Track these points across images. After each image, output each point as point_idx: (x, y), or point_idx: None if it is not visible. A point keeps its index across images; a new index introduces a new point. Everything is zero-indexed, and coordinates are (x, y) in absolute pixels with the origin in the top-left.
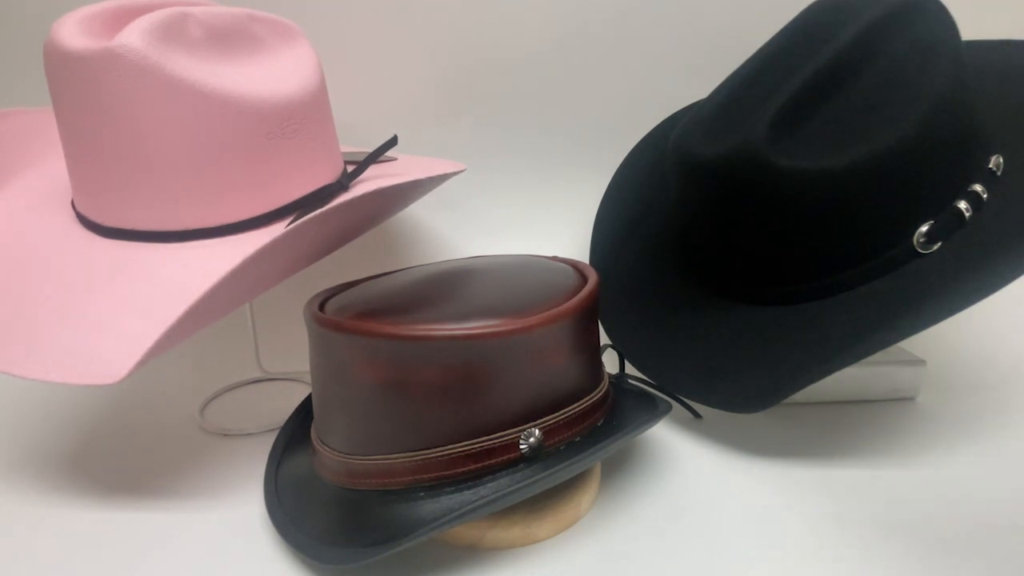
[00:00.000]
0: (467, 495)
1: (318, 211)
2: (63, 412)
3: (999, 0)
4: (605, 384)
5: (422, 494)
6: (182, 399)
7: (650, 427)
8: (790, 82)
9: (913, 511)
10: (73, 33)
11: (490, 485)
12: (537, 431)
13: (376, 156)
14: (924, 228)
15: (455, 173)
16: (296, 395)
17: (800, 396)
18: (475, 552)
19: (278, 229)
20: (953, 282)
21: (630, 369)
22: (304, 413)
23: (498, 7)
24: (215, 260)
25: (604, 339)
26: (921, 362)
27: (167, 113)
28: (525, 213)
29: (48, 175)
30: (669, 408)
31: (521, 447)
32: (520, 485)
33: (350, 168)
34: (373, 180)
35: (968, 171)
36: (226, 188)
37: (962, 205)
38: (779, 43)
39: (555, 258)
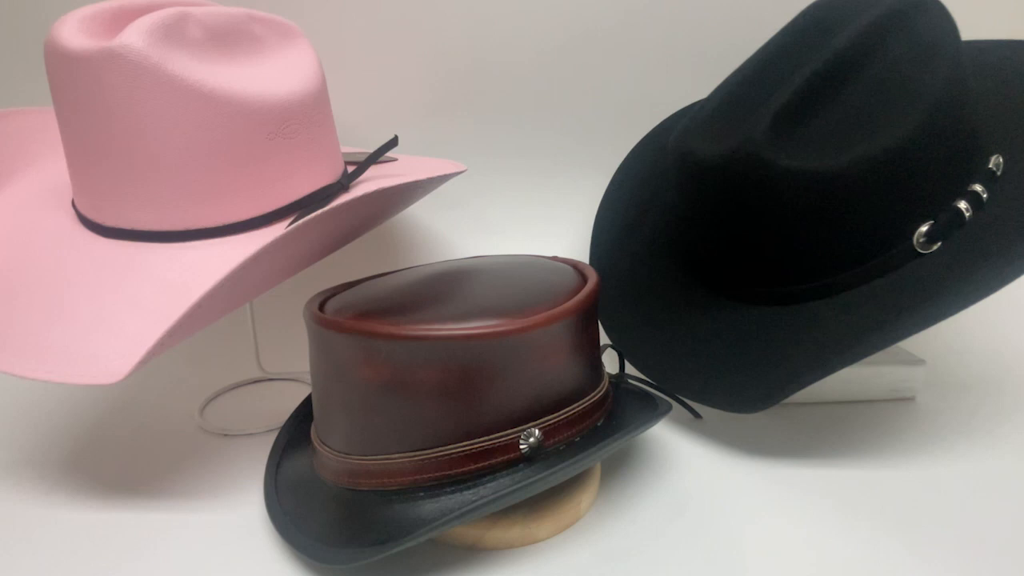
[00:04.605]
0: (467, 495)
1: (319, 211)
2: (63, 412)
3: (999, 0)
4: (605, 384)
5: (422, 494)
6: (182, 399)
7: (650, 427)
8: (790, 82)
9: (912, 510)
10: (73, 33)
11: (490, 485)
12: (537, 431)
13: (377, 156)
14: (924, 228)
15: (456, 173)
16: (296, 395)
17: (800, 396)
18: (475, 552)
19: (279, 229)
20: (953, 282)
21: (630, 369)
22: (304, 413)
23: (498, 7)
24: (215, 260)
25: (604, 339)
26: (921, 362)
27: (167, 113)
28: (525, 213)
29: (48, 175)
30: (669, 408)
31: (521, 447)
32: (520, 485)
33: (350, 168)
34: (373, 180)
35: (968, 171)
36: (226, 188)
37: (962, 205)
38: (779, 43)
39: (555, 258)
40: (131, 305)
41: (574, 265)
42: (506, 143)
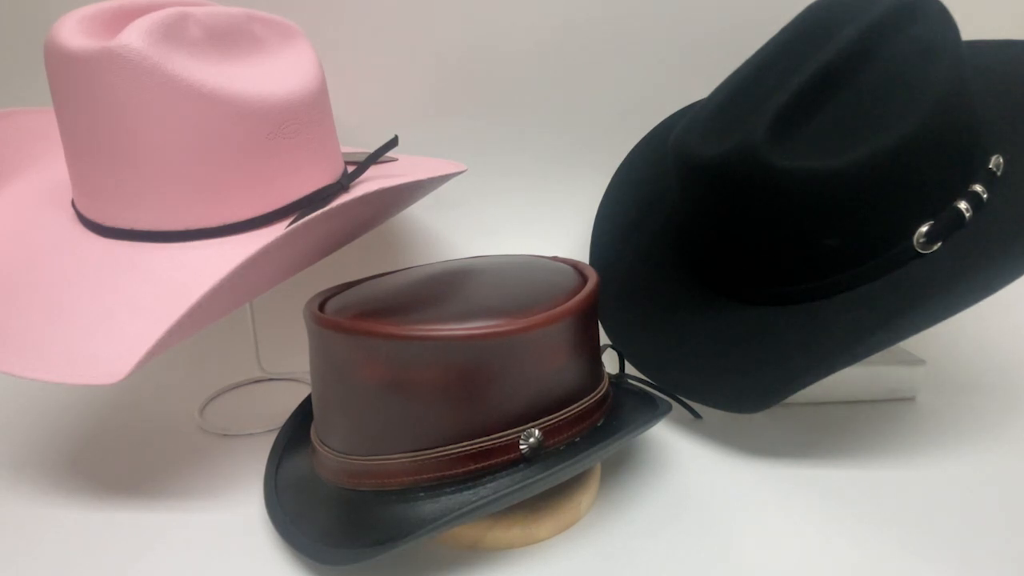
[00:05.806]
0: (467, 495)
1: (319, 211)
2: (63, 412)
3: (999, 0)
4: (605, 384)
5: (422, 494)
6: (182, 399)
7: (650, 427)
8: (790, 82)
9: (913, 511)
10: (73, 33)
11: (490, 485)
12: (537, 431)
13: (376, 156)
14: (924, 228)
15: (455, 174)
16: (296, 395)
17: (800, 396)
18: (475, 552)
19: (278, 229)
20: (953, 282)
21: (630, 369)
22: (304, 413)
23: (498, 7)
24: (216, 260)
25: (604, 339)
26: (921, 362)
27: (167, 113)
28: (525, 213)
29: (48, 175)
30: (669, 408)
31: (521, 447)
32: (520, 485)
33: (350, 168)
34: (373, 180)
35: (968, 171)
36: (226, 188)
37: (962, 205)
38: (779, 43)
39: (555, 258)
40: (131, 305)
41: (574, 265)
42: (506, 143)
